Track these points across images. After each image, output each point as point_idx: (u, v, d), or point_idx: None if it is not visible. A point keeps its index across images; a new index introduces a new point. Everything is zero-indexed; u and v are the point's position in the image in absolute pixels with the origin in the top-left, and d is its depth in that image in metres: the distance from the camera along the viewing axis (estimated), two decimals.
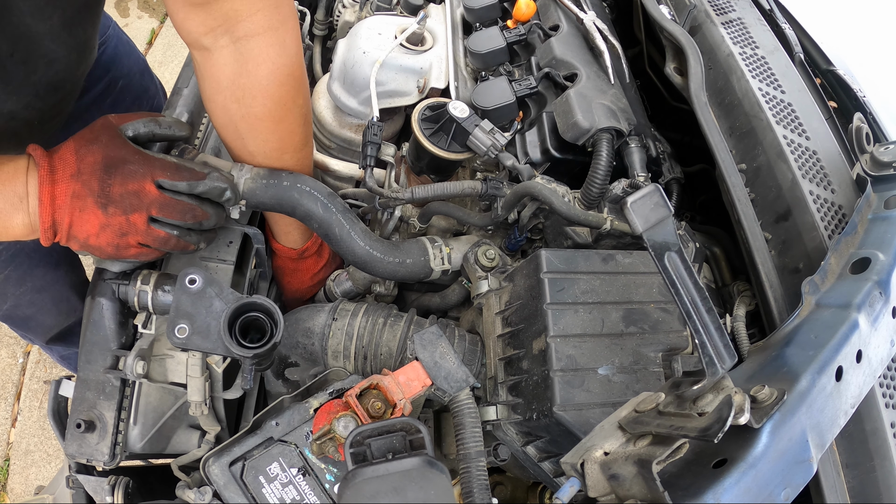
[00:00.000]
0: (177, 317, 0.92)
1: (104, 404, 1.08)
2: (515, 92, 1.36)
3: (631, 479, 0.68)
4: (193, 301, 0.93)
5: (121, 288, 1.08)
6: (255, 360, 0.97)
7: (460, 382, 0.92)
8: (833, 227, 1.04)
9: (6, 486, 2.55)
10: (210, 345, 0.92)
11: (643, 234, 0.78)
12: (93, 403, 1.08)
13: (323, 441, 0.88)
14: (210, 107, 1.11)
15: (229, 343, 0.89)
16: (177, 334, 0.92)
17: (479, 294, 1.23)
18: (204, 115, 1.38)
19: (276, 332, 0.91)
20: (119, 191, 0.96)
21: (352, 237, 1.23)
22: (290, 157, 1.18)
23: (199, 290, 0.93)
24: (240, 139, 1.13)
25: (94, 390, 1.08)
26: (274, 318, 0.92)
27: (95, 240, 0.98)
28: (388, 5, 1.79)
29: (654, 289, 1.08)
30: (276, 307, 0.92)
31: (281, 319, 0.92)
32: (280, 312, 0.93)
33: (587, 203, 1.20)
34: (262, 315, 0.93)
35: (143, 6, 4.10)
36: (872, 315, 0.83)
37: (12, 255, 1.47)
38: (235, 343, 0.89)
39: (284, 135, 1.14)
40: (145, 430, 1.12)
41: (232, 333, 0.90)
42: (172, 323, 0.91)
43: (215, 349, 0.92)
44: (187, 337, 0.91)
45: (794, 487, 0.67)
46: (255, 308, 0.92)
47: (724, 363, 0.73)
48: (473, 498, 0.83)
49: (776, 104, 1.20)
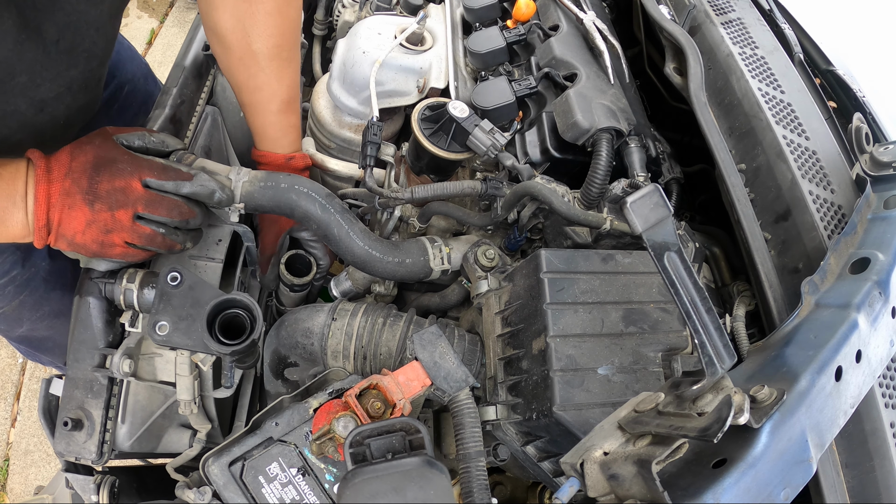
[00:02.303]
0: (157, 314, 0.93)
1: (92, 402, 1.08)
2: (515, 92, 1.36)
3: (630, 479, 0.68)
4: (175, 299, 0.94)
5: (107, 286, 1.08)
6: (236, 357, 0.97)
7: (460, 382, 0.92)
8: (833, 227, 1.04)
9: (6, 486, 2.54)
10: (191, 342, 0.93)
11: (643, 234, 0.78)
12: (81, 402, 1.08)
13: (322, 441, 0.88)
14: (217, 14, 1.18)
15: (208, 340, 0.89)
16: (157, 331, 0.92)
17: (478, 294, 1.23)
18: (193, 115, 1.39)
19: (255, 329, 0.92)
20: (106, 187, 0.98)
21: (350, 237, 1.23)
22: (287, 54, 1.25)
23: (181, 287, 0.94)
24: (245, 37, 1.19)
25: (82, 389, 1.09)
26: (253, 314, 0.92)
27: (81, 237, 0.98)
28: (388, 5, 1.79)
29: (654, 289, 1.08)
30: (255, 304, 0.92)
31: (260, 316, 0.92)
32: (259, 309, 0.93)
33: (587, 203, 1.20)
34: (242, 312, 0.93)
35: (142, 6, 4.10)
36: (872, 315, 0.83)
37: (27, 279, 1.46)
38: (214, 340, 0.89)
39: (286, 30, 1.22)
40: (134, 429, 1.12)
41: (212, 331, 0.90)
42: (153, 320, 0.92)
43: (196, 346, 0.93)
44: (168, 334, 0.92)
45: (794, 487, 0.67)
46: (236, 305, 0.93)
47: (723, 363, 0.73)
48: (473, 498, 0.83)
49: (776, 104, 1.20)
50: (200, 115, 1.48)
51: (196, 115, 1.45)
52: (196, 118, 1.43)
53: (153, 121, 1.34)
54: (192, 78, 1.48)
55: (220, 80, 1.60)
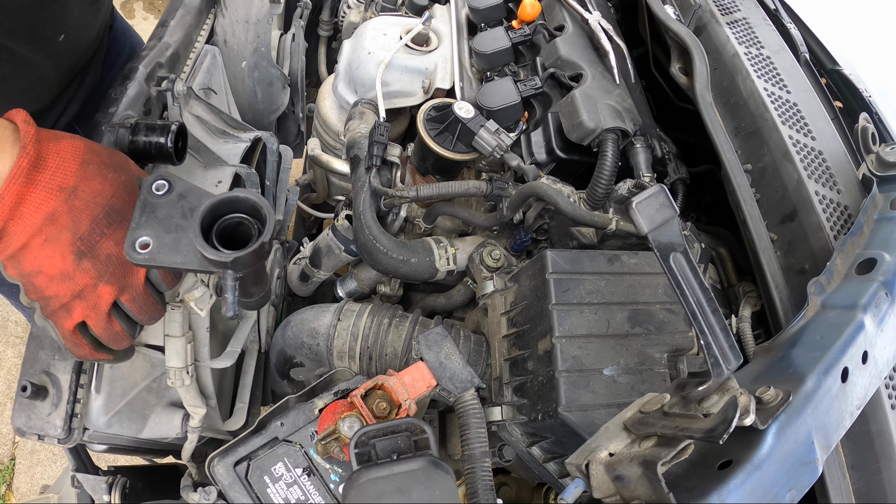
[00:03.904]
0: (138, 228, 0.72)
1: (59, 366, 0.88)
2: (521, 92, 1.36)
3: (636, 480, 0.67)
4: (161, 209, 0.74)
5: None
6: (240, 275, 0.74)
7: (465, 383, 0.92)
8: (839, 228, 1.04)
9: (12, 486, 2.55)
10: (180, 258, 0.72)
11: (649, 235, 0.78)
12: (46, 364, 0.88)
13: (328, 441, 0.88)
14: None
15: (203, 247, 0.67)
16: (137, 249, 0.71)
17: (484, 294, 1.23)
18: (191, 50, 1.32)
19: (264, 231, 0.70)
20: (109, 251, 0.75)
21: None
22: None
23: (169, 196, 0.75)
24: None
25: (47, 349, 0.89)
26: (261, 217, 0.71)
27: (45, 283, 0.74)
28: (393, 6, 1.79)
29: (660, 289, 1.08)
30: (264, 201, 0.71)
31: (272, 214, 0.71)
32: (271, 208, 0.73)
33: (592, 203, 1.20)
34: (247, 218, 0.73)
35: (148, 7, 4.11)
36: (878, 316, 0.83)
37: None
38: (211, 248, 0.68)
39: None
40: (112, 402, 0.93)
41: (208, 239, 0.70)
42: (133, 236, 0.71)
43: (187, 262, 0.72)
44: (150, 252, 0.71)
45: (800, 489, 0.67)
46: (239, 206, 0.72)
47: (729, 364, 0.72)
48: (478, 498, 0.84)
49: (782, 104, 1.19)
50: (199, 52, 1.37)
51: (195, 52, 1.34)
52: (195, 54, 1.33)
53: (151, 51, 1.20)
54: (192, 13, 1.38)
55: (220, 23, 1.52)
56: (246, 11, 1.66)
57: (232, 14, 1.59)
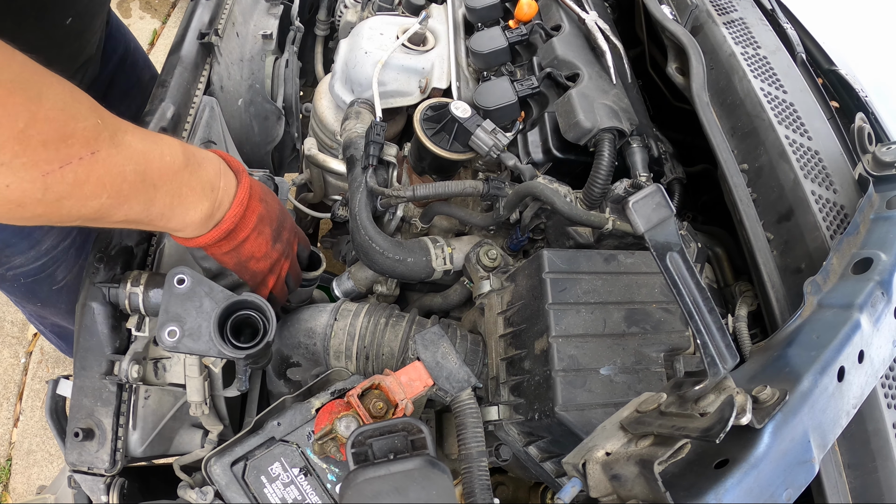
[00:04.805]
0: (166, 319, 0.89)
1: (102, 411, 1.06)
2: (517, 92, 1.36)
3: (633, 480, 0.68)
4: (183, 302, 0.90)
5: (111, 291, 1.05)
6: (250, 360, 0.94)
7: (462, 383, 0.92)
8: (835, 228, 1.04)
9: (8, 486, 2.55)
10: (202, 347, 0.89)
11: (645, 235, 0.78)
12: (90, 410, 1.06)
13: (325, 441, 0.88)
14: None
15: (220, 345, 0.87)
16: (167, 337, 0.89)
17: (480, 294, 1.23)
18: (191, 107, 1.36)
19: (269, 331, 0.90)
20: (287, 236, 1.08)
21: None
22: None
23: (188, 290, 0.91)
24: None
25: (90, 397, 1.06)
26: (266, 316, 0.91)
27: (255, 263, 1.03)
28: (390, 5, 1.79)
29: (656, 289, 1.08)
30: (267, 305, 0.90)
31: (273, 317, 0.91)
32: (272, 310, 0.91)
33: (589, 203, 1.20)
34: (254, 313, 0.91)
35: (145, 7, 4.11)
36: (874, 315, 0.83)
37: (84, 241, 1.43)
38: (228, 344, 0.87)
39: None
40: (145, 434, 1.11)
41: (223, 334, 0.88)
42: (162, 326, 0.89)
43: (208, 351, 0.90)
44: (178, 340, 0.89)
45: (796, 488, 0.67)
46: (247, 306, 0.90)
47: (725, 363, 0.72)
48: (475, 498, 0.84)
49: (778, 104, 1.20)
50: (198, 107, 1.42)
51: (194, 107, 1.40)
52: (194, 110, 1.39)
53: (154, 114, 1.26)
54: (188, 69, 1.42)
55: (216, 70, 1.56)
56: (240, 51, 1.72)
57: (227, 58, 1.63)
